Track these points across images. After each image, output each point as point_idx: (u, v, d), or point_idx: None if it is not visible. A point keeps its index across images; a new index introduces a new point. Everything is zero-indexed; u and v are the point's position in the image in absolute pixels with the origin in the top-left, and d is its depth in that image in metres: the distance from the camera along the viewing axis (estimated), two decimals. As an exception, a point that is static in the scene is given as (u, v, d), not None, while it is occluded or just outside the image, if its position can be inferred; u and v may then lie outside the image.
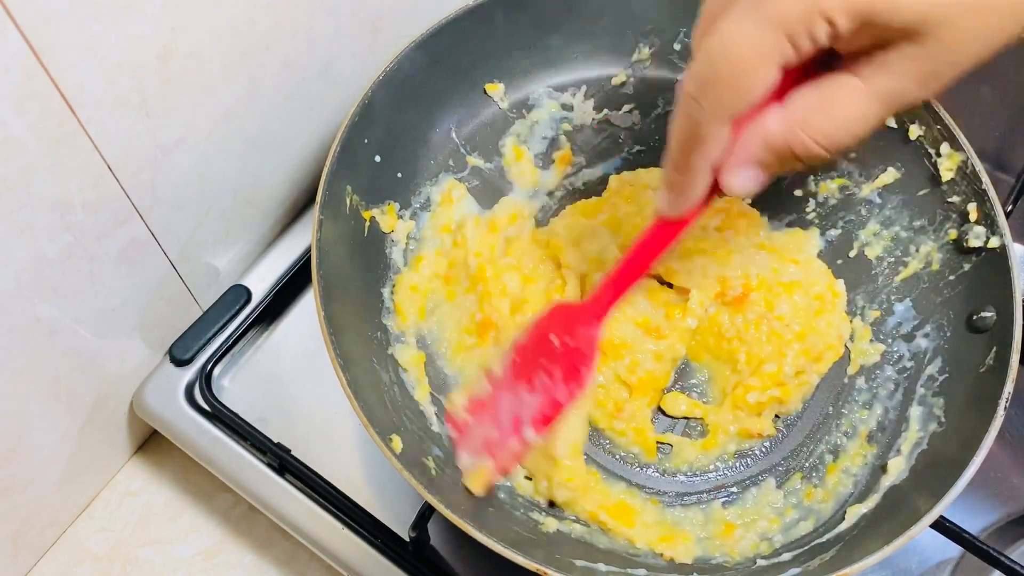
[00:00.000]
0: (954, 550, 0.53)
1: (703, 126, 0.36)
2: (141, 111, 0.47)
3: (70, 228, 0.47)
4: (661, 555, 0.49)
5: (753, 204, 0.61)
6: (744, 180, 0.39)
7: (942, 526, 0.50)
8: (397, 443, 0.46)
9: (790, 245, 0.59)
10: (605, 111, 0.64)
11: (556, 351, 0.50)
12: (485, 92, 0.62)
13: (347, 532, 0.54)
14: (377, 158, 0.56)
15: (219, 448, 0.56)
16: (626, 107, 0.64)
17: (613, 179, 0.61)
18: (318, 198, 0.50)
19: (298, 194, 0.65)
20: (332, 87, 0.61)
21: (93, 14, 0.41)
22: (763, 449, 0.55)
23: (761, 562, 0.48)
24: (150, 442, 0.64)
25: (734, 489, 0.53)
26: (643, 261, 0.47)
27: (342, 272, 0.51)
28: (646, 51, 0.64)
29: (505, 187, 0.61)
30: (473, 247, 0.57)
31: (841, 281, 0.58)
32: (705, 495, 0.53)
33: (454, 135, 0.61)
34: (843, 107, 0.36)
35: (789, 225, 0.61)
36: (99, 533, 0.60)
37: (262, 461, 0.56)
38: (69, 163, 0.44)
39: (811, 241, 0.59)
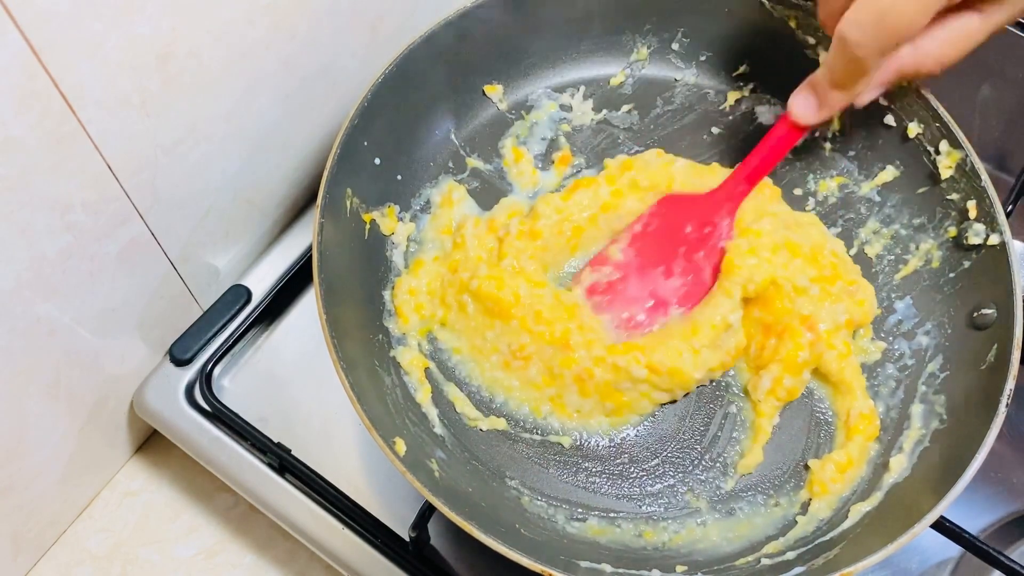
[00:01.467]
0: (954, 550, 0.53)
1: (867, 61, 0.46)
2: (141, 111, 0.47)
3: (70, 228, 0.47)
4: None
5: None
6: (871, 97, 0.51)
7: (942, 526, 0.50)
8: (401, 446, 0.46)
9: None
10: (604, 111, 0.64)
11: (692, 237, 0.56)
12: (484, 93, 0.62)
13: (347, 532, 0.54)
14: (377, 161, 0.56)
15: (219, 448, 0.56)
16: (625, 107, 0.64)
17: (608, 161, 0.61)
18: (318, 201, 0.50)
19: (298, 194, 0.65)
20: (332, 87, 0.61)
21: (93, 14, 0.41)
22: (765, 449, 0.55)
23: (765, 561, 0.48)
24: (150, 442, 0.64)
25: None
26: (771, 157, 0.55)
27: (343, 275, 0.51)
28: (644, 51, 0.64)
29: (505, 188, 0.62)
30: (472, 248, 0.57)
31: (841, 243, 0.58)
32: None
33: (453, 137, 0.61)
34: (964, 40, 0.47)
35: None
36: (99, 533, 0.60)
37: (262, 461, 0.56)
38: (69, 163, 0.44)
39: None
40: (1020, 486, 0.58)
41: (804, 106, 0.52)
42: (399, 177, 0.58)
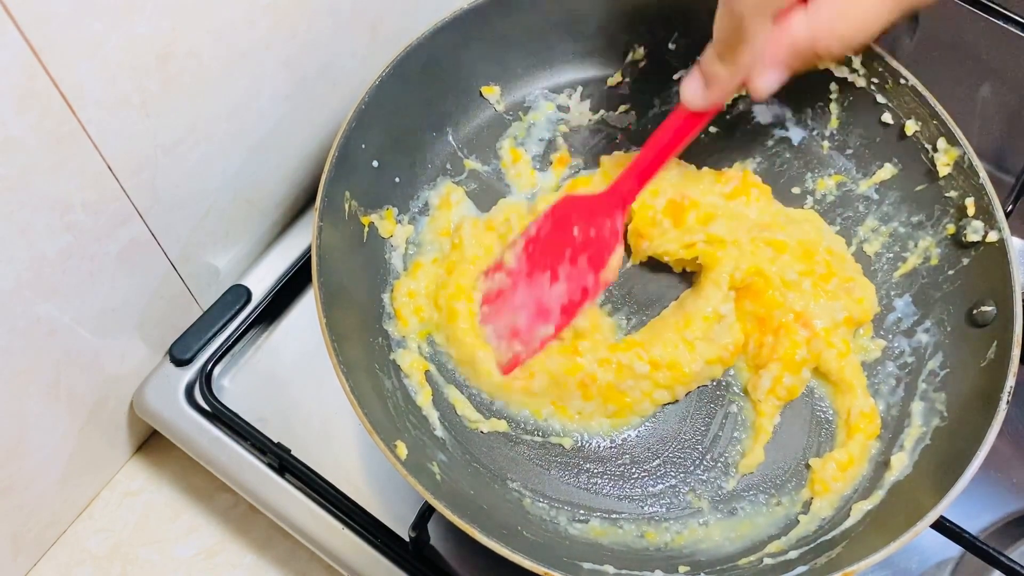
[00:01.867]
0: (954, 550, 0.53)
1: (748, 21, 0.41)
2: (141, 111, 0.47)
3: (70, 228, 0.47)
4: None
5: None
6: (769, 80, 0.45)
7: (942, 526, 0.50)
8: (402, 449, 0.46)
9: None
10: (601, 112, 0.64)
11: (578, 241, 0.52)
12: (481, 95, 0.62)
13: (347, 532, 0.54)
14: (375, 163, 0.56)
15: (219, 448, 0.56)
16: (622, 107, 0.64)
17: (604, 159, 0.61)
18: (317, 205, 0.50)
19: (298, 194, 0.65)
20: (332, 87, 0.61)
21: (93, 14, 0.41)
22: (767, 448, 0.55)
23: (768, 560, 0.48)
24: (150, 442, 0.64)
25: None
26: (663, 152, 0.51)
27: (343, 279, 0.51)
28: (641, 51, 0.64)
29: (503, 190, 0.62)
30: (470, 250, 0.57)
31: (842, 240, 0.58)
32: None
33: (451, 139, 0.61)
34: (862, 12, 0.41)
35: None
36: (99, 533, 0.60)
37: (262, 461, 0.56)
38: (69, 163, 0.44)
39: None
40: (1020, 486, 0.58)
41: (692, 89, 0.47)
42: (397, 179, 0.59)
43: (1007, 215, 0.55)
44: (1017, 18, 0.65)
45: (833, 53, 0.43)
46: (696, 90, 0.47)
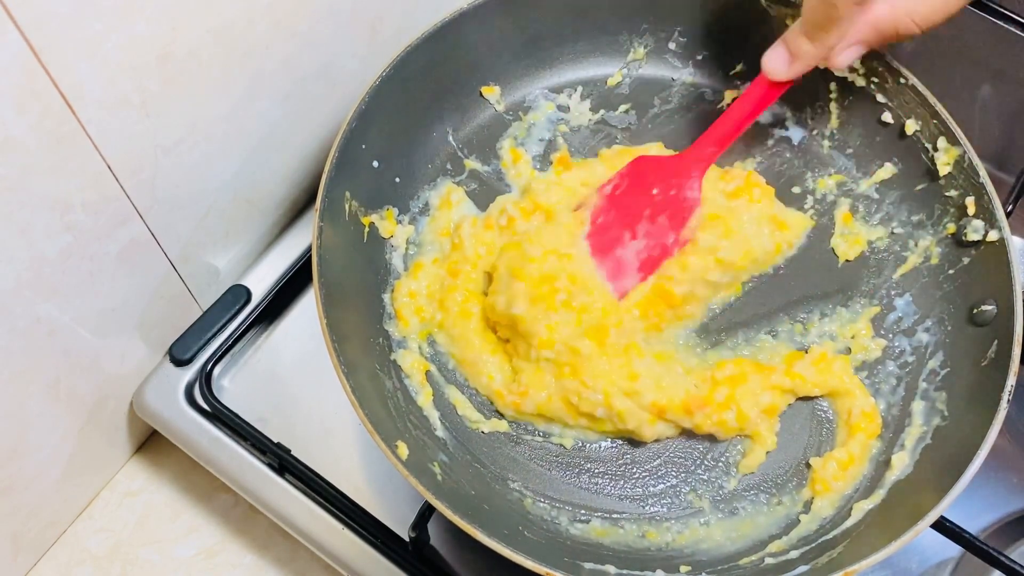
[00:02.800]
0: (954, 550, 0.53)
1: (841, 7, 0.46)
2: (141, 111, 0.47)
3: (70, 228, 0.47)
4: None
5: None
6: (850, 55, 0.50)
7: (942, 526, 0.50)
8: (403, 450, 0.46)
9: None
10: (601, 111, 0.64)
11: (657, 200, 0.55)
12: (481, 95, 0.62)
13: (347, 532, 0.54)
14: (375, 163, 0.56)
15: (219, 448, 0.56)
16: (622, 107, 0.64)
17: (603, 151, 0.62)
18: (317, 205, 0.50)
19: (298, 194, 0.65)
20: (332, 87, 0.61)
21: (93, 14, 0.41)
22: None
23: (769, 560, 0.48)
24: (150, 442, 0.64)
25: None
26: (743, 117, 0.54)
27: (343, 279, 0.51)
28: (641, 51, 0.64)
29: (503, 190, 0.61)
30: (470, 249, 0.56)
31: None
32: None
33: (451, 139, 0.61)
34: None
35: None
36: (99, 533, 0.60)
37: (262, 461, 0.56)
38: (69, 163, 0.44)
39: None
40: (1020, 486, 0.58)
41: (777, 60, 0.51)
42: (397, 180, 0.58)
43: (1007, 215, 0.55)
44: (1017, 18, 0.65)
45: (913, 32, 0.47)
46: (781, 63, 0.51)
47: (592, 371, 0.52)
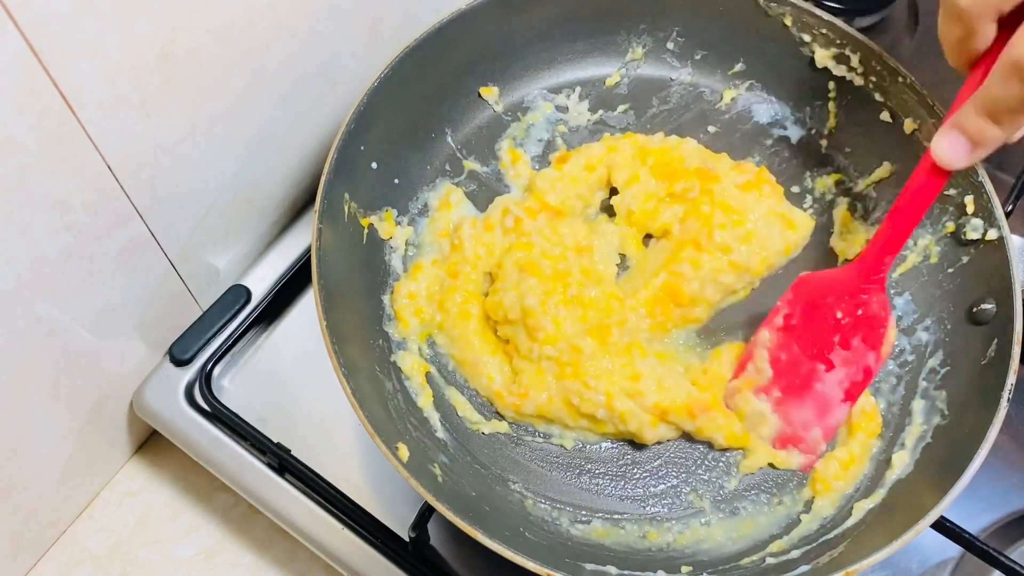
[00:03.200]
0: (954, 550, 0.53)
1: (976, 21, 0.41)
2: (141, 111, 0.47)
3: (70, 228, 0.47)
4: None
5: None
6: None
7: (942, 526, 0.50)
8: (404, 452, 0.46)
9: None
10: (600, 112, 0.64)
11: (845, 324, 0.52)
12: (480, 95, 0.62)
13: (347, 532, 0.54)
14: (374, 165, 0.56)
15: (219, 448, 0.56)
16: (621, 107, 0.64)
17: (607, 136, 0.62)
18: (316, 207, 0.50)
19: (298, 194, 0.66)
20: (332, 87, 0.61)
21: (93, 14, 0.41)
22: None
23: (770, 560, 0.48)
24: (150, 442, 0.64)
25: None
26: (913, 216, 0.48)
27: (343, 281, 0.51)
28: (639, 51, 0.64)
29: (502, 191, 0.61)
30: (470, 250, 0.56)
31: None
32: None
33: (450, 140, 0.61)
34: None
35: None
36: (99, 533, 0.60)
37: (262, 461, 0.56)
38: (69, 163, 0.45)
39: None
40: (1020, 486, 0.58)
41: (953, 149, 0.44)
42: (396, 181, 0.58)
43: (1007, 215, 0.55)
44: (1017, 17, 0.65)
45: None
46: (958, 150, 0.44)
47: (595, 371, 0.51)
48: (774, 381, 0.52)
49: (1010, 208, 0.60)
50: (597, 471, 0.53)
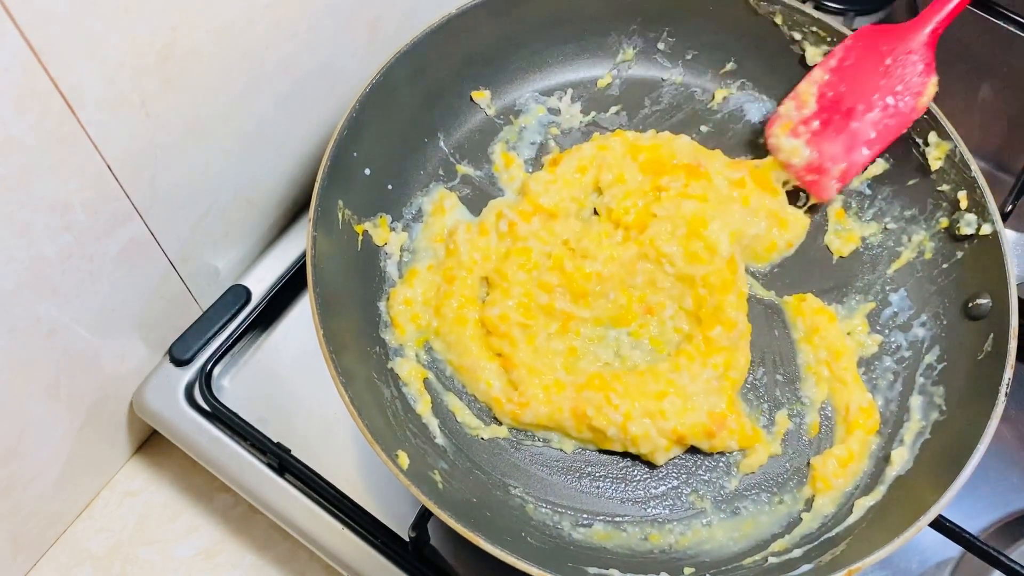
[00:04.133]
0: (954, 550, 0.53)
1: None
2: (141, 111, 0.47)
3: (70, 228, 0.47)
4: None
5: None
6: None
7: (942, 526, 0.50)
8: (403, 459, 0.46)
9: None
10: (592, 113, 0.64)
11: (892, 70, 0.55)
12: (471, 99, 0.62)
13: (347, 532, 0.54)
14: (367, 171, 0.56)
15: (219, 448, 0.56)
16: (613, 108, 0.64)
17: (597, 135, 0.62)
18: (310, 215, 0.50)
19: (297, 194, 0.66)
20: (331, 87, 0.61)
21: (93, 14, 0.41)
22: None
23: (772, 559, 0.48)
24: (150, 442, 0.64)
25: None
26: None
27: (339, 288, 0.51)
28: (630, 52, 0.64)
29: (496, 195, 0.61)
30: (466, 254, 0.56)
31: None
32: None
33: (443, 144, 0.61)
34: None
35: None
36: (99, 533, 0.60)
37: (262, 461, 0.56)
38: (69, 163, 0.45)
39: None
40: (1020, 485, 0.58)
41: None
42: (390, 187, 0.58)
43: (1007, 215, 0.55)
44: (1017, 18, 0.66)
45: None
46: None
47: (622, 388, 0.51)
48: (816, 115, 0.56)
49: (1010, 208, 0.60)
50: (597, 474, 0.53)
